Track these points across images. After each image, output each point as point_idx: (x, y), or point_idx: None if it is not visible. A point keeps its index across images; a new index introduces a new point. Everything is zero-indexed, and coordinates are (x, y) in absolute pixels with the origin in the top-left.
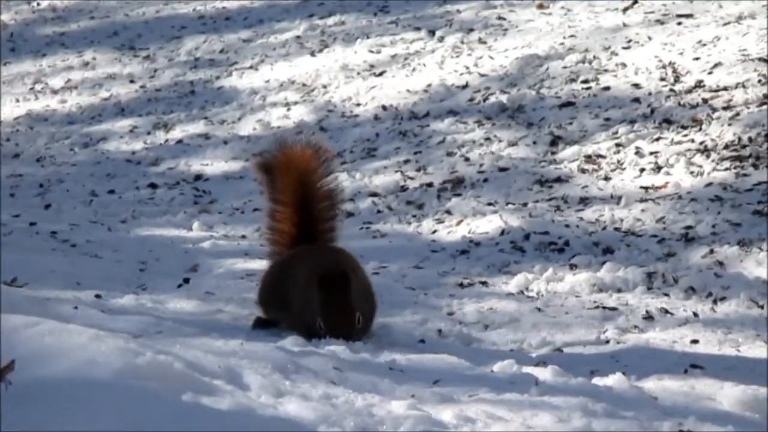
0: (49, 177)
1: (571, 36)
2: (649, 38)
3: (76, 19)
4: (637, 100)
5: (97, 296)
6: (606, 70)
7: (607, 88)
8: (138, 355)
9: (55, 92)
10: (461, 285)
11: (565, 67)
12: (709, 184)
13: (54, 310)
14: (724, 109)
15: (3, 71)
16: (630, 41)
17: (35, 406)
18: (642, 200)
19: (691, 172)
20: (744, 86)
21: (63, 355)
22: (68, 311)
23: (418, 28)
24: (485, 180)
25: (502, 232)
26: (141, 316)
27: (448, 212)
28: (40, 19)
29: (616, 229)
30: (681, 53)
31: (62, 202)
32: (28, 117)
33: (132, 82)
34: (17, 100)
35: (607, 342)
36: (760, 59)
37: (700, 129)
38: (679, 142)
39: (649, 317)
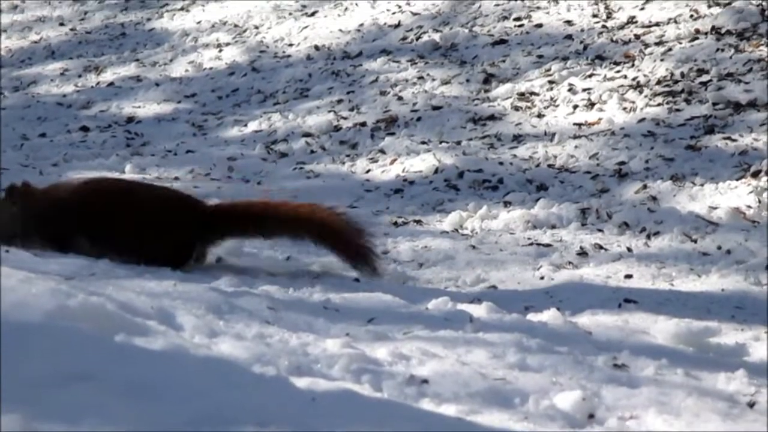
0: None
1: None
2: None
3: None
4: (569, 36)
5: None
6: (538, 8)
7: (540, 26)
8: (70, 296)
9: None
10: (395, 224)
11: (497, 5)
12: (642, 120)
13: None
14: (656, 44)
15: None
16: None
17: None
18: (575, 137)
19: (624, 108)
20: (676, 21)
21: None
22: None
23: None
24: (419, 119)
25: (436, 171)
26: (73, 259)
27: (382, 151)
28: None
29: (549, 165)
30: None
31: None
32: None
33: (62, 24)
34: None
35: (542, 278)
36: None
37: (633, 65)
38: (612, 79)
39: (583, 253)
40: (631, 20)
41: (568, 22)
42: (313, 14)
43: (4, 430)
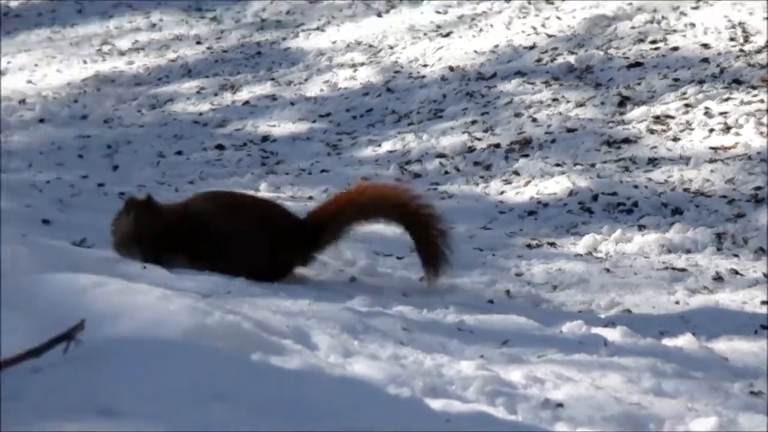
0: (116, 138)
1: None
2: None
3: None
4: (706, 60)
5: None
6: (674, 30)
7: (676, 48)
8: (207, 314)
9: (122, 54)
10: (529, 246)
11: (633, 28)
12: None
13: (123, 270)
14: None
15: (70, 33)
16: (699, 1)
17: (104, 366)
18: (711, 161)
19: (761, 133)
20: None
21: (132, 315)
22: (136, 271)
23: None
24: (553, 141)
25: (570, 193)
26: (209, 276)
27: (516, 173)
28: None
29: (685, 189)
30: (751, 13)
31: (130, 163)
32: (96, 79)
33: (199, 43)
34: (85, 62)
35: (677, 303)
36: None
37: None
38: (749, 102)
39: (718, 278)
40: None
41: (705, 46)
42: (447, 35)
43: None
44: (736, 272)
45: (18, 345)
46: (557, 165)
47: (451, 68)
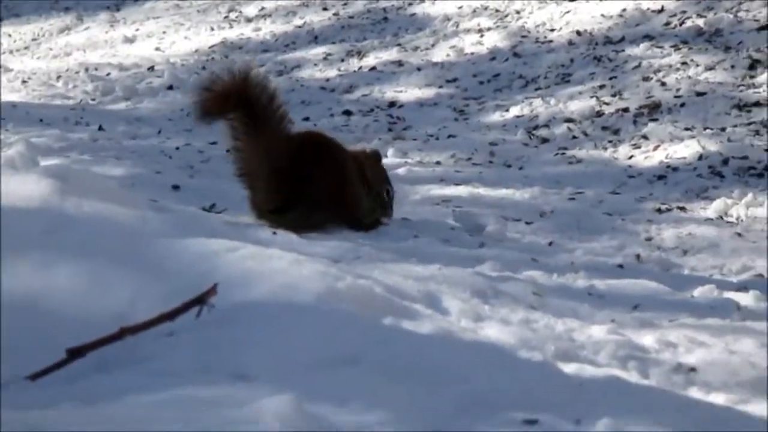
0: None
1: None
2: None
3: None
4: None
5: None
6: None
7: None
8: (338, 279)
9: (249, 20)
10: (659, 210)
11: None
12: None
13: (253, 235)
14: None
15: (197, 0)
16: None
17: (237, 330)
18: None
19: None
20: None
21: (264, 279)
22: (267, 236)
23: None
24: (682, 105)
25: (700, 158)
26: (338, 242)
27: (645, 137)
28: None
29: None
30: None
31: None
32: (223, 45)
33: (325, 9)
34: (212, 29)
35: None
36: None
37: None
38: None
39: None
40: None
41: None
42: None
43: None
44: None
45: (151, 309)
46: (687, 129)
47: (578, 32)
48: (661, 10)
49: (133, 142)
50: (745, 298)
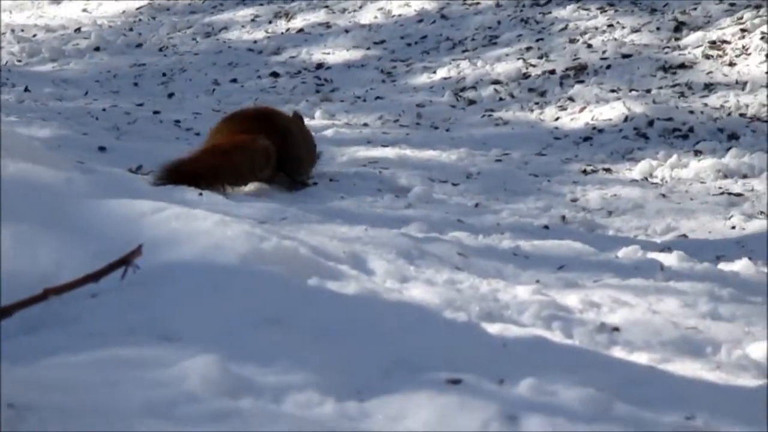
0: (171, 66)
1: None
2: None
3: None
4: None
5: None
6: None
7: None
8: (263, 240)
9: None
10: (584, 172)
11: None
12: None
13: (179, 196)
14: None
15: None
16: None
17: (162, 290)
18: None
19: None
20: None
21: (189, 240)
22: (193, 197)
23: None
24: (608, 67)
25: (626, 119)
26: (265, 203)
27: (571, 99)
28: None
29: (741, 114)
30: None
31: (185, 91)
32: (150, 7)
33: None
34: None
35: (733, 228)
36: None
37: None
38: None
39: None
40: None
41: None
42: None
43: (199, 370)
44: None
45: (77, 270)
46: (612, 91)
47: None
48: None
49: (60, 104)
50: (669, 259)
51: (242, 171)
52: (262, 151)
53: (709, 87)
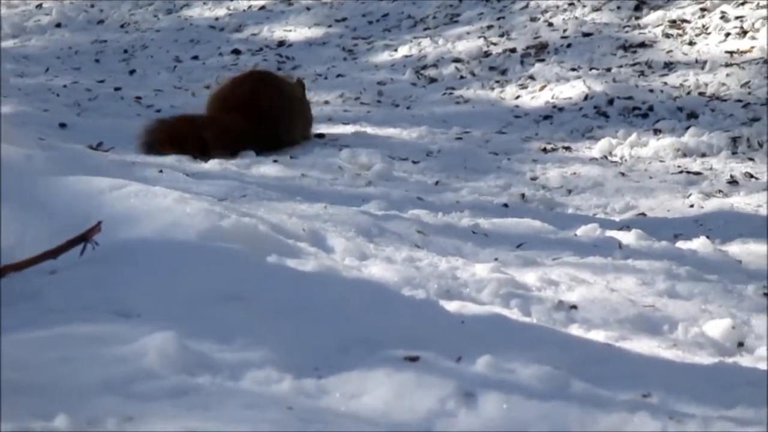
0: (133, 43)
1: None
2: None
3: None
4: None
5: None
6: None
7: None
8: (223, 217)
9: None
10: (544, 150)
11: None
12: None
13: (139, 174)
14: None
15: None
16: None
17: (122, 266)
18: (727, 65)
19: None
20: None
21: (148, 217)
22: (153, 174)
23: None
24: (569, 45)
25: (586, 98)
26: (225, 180)
27: (532, 78)
28: None
29: (700, 93)
30: None
31: (146, 68)
32: None
33: None
34: None
35: (691, 206)
36: None
37: None
38: (765, 6)
39: (733, 182)
40: None
41: None
42: None
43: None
44: (751, 176)
45: (35, 247)
46: (573, 69)
47: None
48: None
49: (20, 80)
50: (627, 237)
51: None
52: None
53: (669, 66)
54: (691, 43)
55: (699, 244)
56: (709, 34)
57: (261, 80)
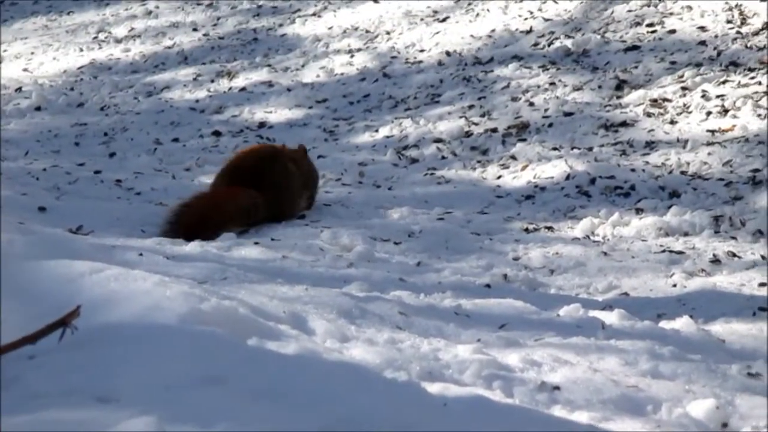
0: (113, 126)
1: None
2: None
3: None
4: (703, 43)
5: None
6: (671, 13)
7: (673, 32)
8: (203, 300)
9: (118, 41)
10: (526, 230)
11: (629, 11)
12: None
13: (119, 257)
14: None
15: (66, 20)
16: None
17: (100, 352)
18: (709, 143)
19: (758, 115)
20: None
21: (128, 301)
22: (133, 258)
23: None
24: (550, 125)
25: (568, 177)
26: (206, 263)
27: (513, 157)
28: None
29: (682, 172)
30: None
31: (126, 151)
32: (92, 66)
33: (195, 30)
34: (81, 50)
35: (674, 286)
36: None
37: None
38: (746, 85)
39: (716, 261)
40: (766, 26)
41: (702, 28)
42: (444, 20)
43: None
44: (734, 255)
45: (14, 332)
46: (554, 149)
47: (447, 53)
48: (530, 31)
49: (2, 164)
50: (610, 317)
51: (235, 220)
52: (252, 206)
53: (651, 145)
54: (673, 122)
55: (682, 323)
56: (691, 112)
57: (267, 156)
